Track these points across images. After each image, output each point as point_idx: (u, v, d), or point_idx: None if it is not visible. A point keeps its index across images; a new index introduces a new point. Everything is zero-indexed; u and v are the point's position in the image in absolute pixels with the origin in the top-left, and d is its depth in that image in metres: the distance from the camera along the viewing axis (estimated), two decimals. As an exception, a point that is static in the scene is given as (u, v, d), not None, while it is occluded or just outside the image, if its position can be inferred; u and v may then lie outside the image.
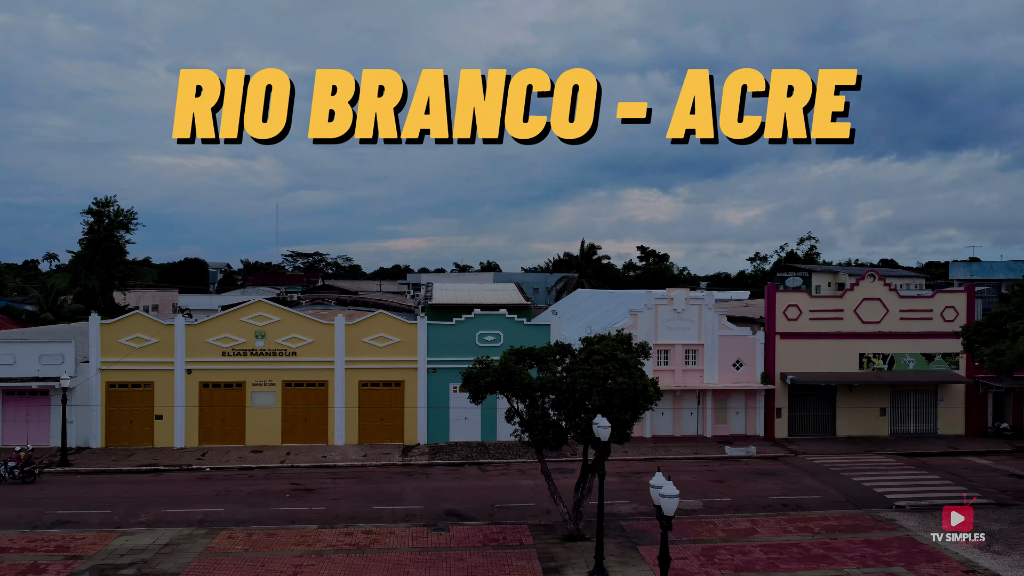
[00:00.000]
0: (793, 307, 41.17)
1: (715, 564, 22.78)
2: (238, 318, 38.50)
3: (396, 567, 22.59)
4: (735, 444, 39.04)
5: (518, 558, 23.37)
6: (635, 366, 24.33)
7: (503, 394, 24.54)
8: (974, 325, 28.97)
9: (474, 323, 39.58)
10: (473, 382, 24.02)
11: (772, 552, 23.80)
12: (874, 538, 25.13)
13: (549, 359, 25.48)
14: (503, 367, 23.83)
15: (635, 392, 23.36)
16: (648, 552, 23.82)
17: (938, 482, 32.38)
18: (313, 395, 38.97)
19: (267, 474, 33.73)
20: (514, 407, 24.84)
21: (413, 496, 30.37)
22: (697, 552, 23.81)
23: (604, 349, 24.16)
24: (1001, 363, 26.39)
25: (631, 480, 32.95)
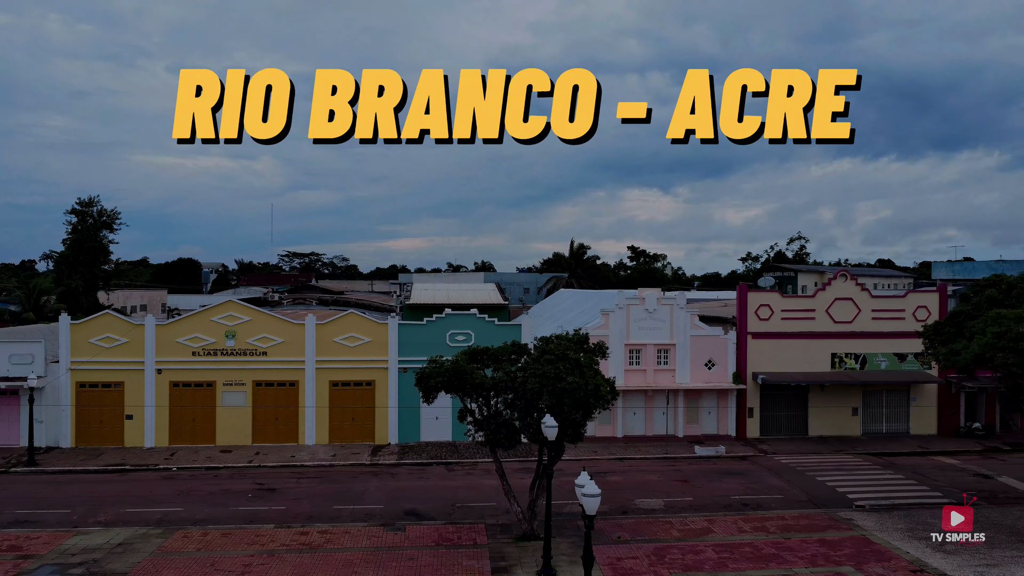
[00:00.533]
0: (765, 307, 41.19)
1: (665, 564, 22.80)
2: (208, 318, 38.52)
3: (346, 567, 22.60)
4: (706, 444, 39.06)
5: (469, 557, 23.39)
6: (588, 366, 24.35)
7: (455, 394, 24.52)
8: (934, 325, 28.98)
9: (445, 323, 39.60)
10: (424, 381, 24.04)
11: (724, 552, 23.81)
12: (828, 538, 25.15)
13: (504, 359, 25.51)
14: (454, 367, 23.83)
15: (586, 392, 23.37)
16: (600, 552, 23.80)
17: (902, 482, 32.40)
18: (284, 395, 38.99)
19: (232, 474, 33.75)
20: (467, 406, 24.85)
21: (375, 496, 30.39)
22: (649, 551, 23.83)
23: (556, 349, 24.19)
24: (957, 362, 26.39)
25: (596, 480, 32.82)
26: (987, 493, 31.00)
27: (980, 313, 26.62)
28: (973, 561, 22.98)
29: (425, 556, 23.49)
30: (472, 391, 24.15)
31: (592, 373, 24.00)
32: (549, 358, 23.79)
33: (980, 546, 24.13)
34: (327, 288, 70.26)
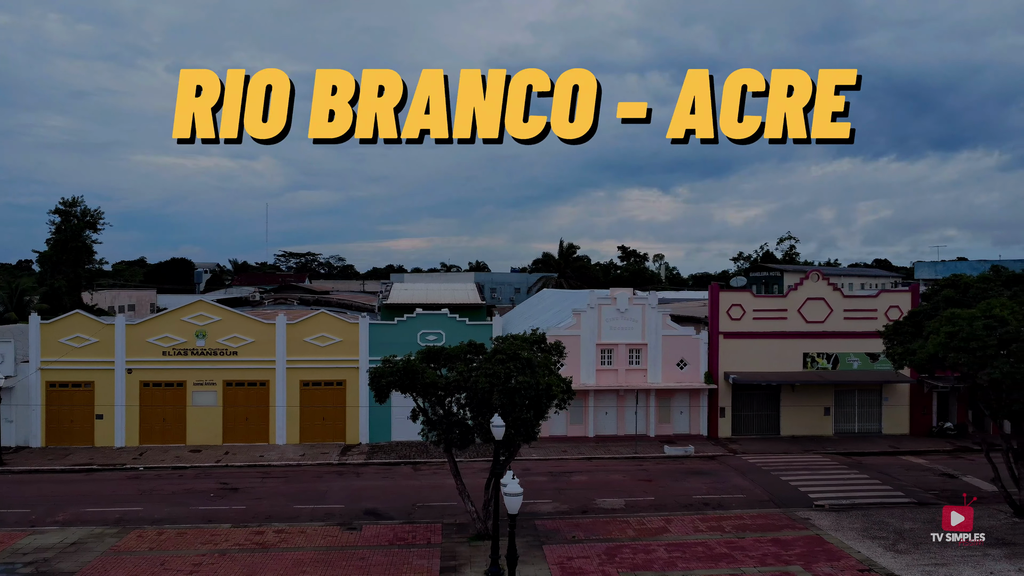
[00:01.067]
0: (737, 307, 41.20)
1: (614, 563, 22.80)
2: (179, 317, 38.54)
3: (295, 566, 22.62)
4: (677, 444, 39.07)
5: (420, 557, 23.40)
6: (541, 365, 24.34)
7: (407, 393, 24.53)
8: (893, 324, 28.96)
9: (416, 322, 39.62)
10: (376, 381, 24.05)
11: (675, 551, 23.82)
12: (782, 537, 25.16)
13: (459, 358, 25.51)
14: (405, 366, 23.85)
15: (538, 391, 23.37)
16: (551, 551, 23.86)
17: (866, 482, 32.41)
18: (254, 394, 39.00)
19: (198, 474, 33.76)
20: (420, 406, 24.85)
21: (337, 496, 30.40)
22: (600, 551, 23.83)
23: (508, 348, 24.19)
24: (913, 362, 26.38)
25: (560, 479, 33.00)
26: (950, 493, 30.99)
27: (937, 313, 26.60)
28: (924, 561, 22.99)
29: (376, 556, 23.51)
30: (424, 391, 24.15)
31: (544, 373, 23.98)
32: (500, 357, 23.80)
33: (931, 545, 24.17)
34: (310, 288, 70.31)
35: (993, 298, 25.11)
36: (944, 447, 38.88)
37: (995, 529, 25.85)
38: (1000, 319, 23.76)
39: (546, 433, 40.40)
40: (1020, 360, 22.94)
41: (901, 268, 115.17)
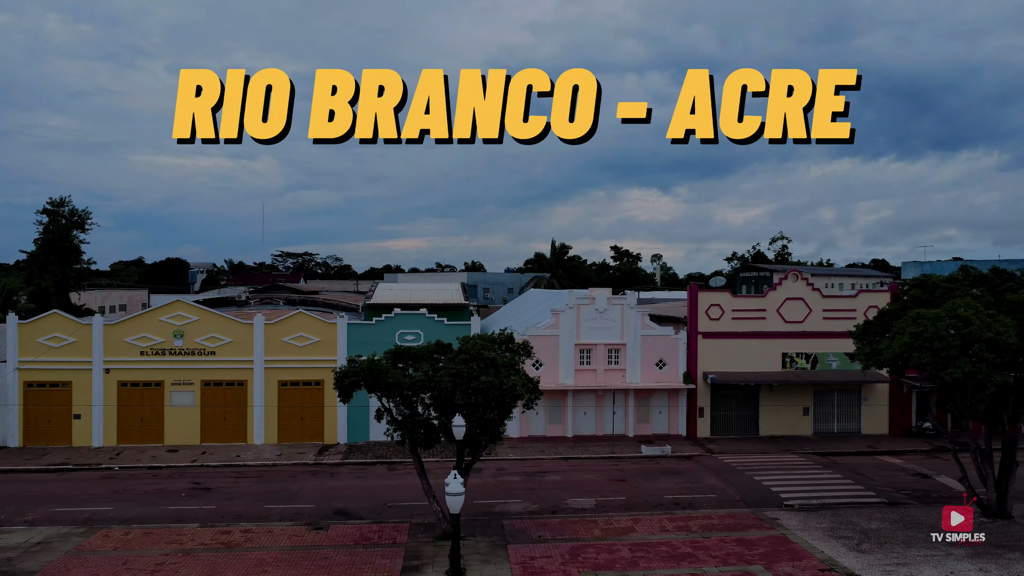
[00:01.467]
0: (715, 307, 41.22)
1: (576, 563, 22.81)
2: (156, 317, 38.57)
3: (257, 565, 22.64)
4: (655, 443, 39.09)
5: (383, 556, 23.42)
6: (510, 365, 24.38)
7: (372, 392, 24.54)
8: (863, 324, 28.99)
9: (394, 322, 39.66)
10: (339, 381, 24.05)
11: (639, 551, 23.83)
12: (748, 537, 25.17)
13: (425, 358, 25.53)
14: (369, 366, 23.85)
15: (501, 391, 23.38)
16: (515, 551, 23.88)
17: (839, 482, 32.43)
18: (232, 394, 39.03)
19: (172, 473, 33.79)
20: (384, 406, 24.87)
21: (309, 495, 30.42)
22: (564, 551, 23.84)
23: (472, 348, 24.22)
24: (879, 362, 26.38)
25: (534, 479, 33.03)
26: (921, 493, 31.09)
27: (905, 313, 26.59)
28: (886, 560, 23.00)
29: (340, 555, 23.53)
30: (387, 391, 24.16)
31: (509, 372, 24.01)
32: (464, 357, 23.82)
33: (896, 545, 24.20)
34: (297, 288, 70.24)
35: (958, 298, 25.11)
36: (922, 447, 38.90)
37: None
38: (964, 319, 23.76)
39: (525, 433, 40.50)
40: (981, 360, 22.95)
41: (898, 268, 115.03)
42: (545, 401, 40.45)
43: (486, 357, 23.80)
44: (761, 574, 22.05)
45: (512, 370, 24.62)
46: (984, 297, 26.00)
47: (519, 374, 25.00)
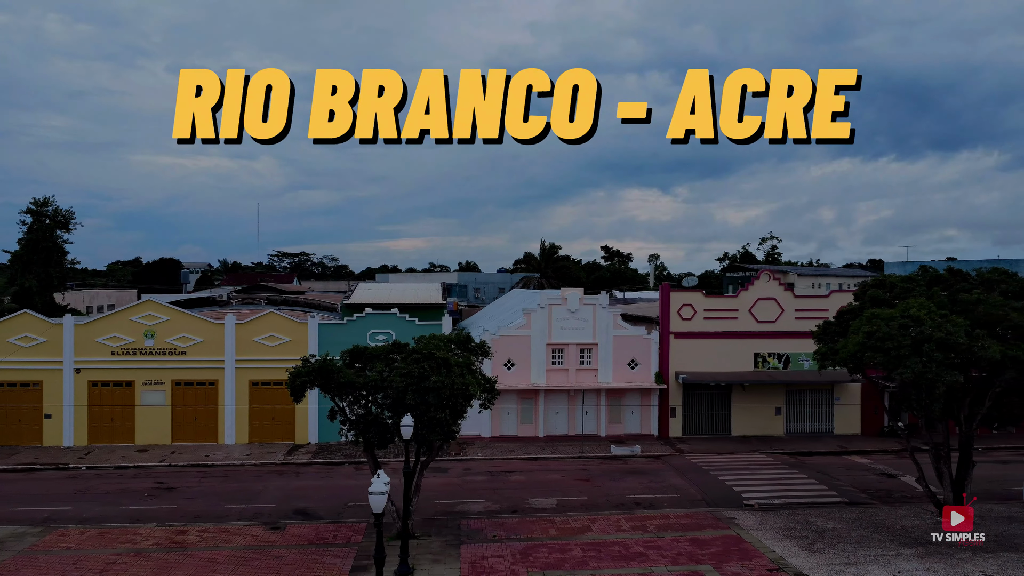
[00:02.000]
0: (687, 307, 41.24)
1: (526, 563, 22.83)
2: (127, 317, 38.59)
3: (207, 565, 22.66)
4: (627, 443, 39.11)
5: (335, 556, 23.45)
6: (464, 365, 24.39)
7: (325, 392, 24.57)
8: (823, 323, 29.01)
9: (365, 322, 39.69)
10: (291, 380, 24.08)
11: (591, 551, 23.85)
12: (702, 536, 25.18)
13: (380, 358, 25.53)
14: (320, 366, 23.89)
15: (453, 391, 23.40)
16: (468, 550, 23.91)
17: (803, 482, 32.46)
18: (203, 394, 39.05)
19: (138, 473, 33.82)
20: (337, 405, 24.89)
21: (272, 495, 30.44)
22: (516, 550, 23.87)
23: (424, 348, 24.25)
24: (835, 361, 26.39)
25: (499, 479, 33.07)
26: (884, 493, 31.12)
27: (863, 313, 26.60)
28: (836, 560, 23.01)
29: (292, 555, 23.56)
30: (339, 390, 24.19)
31: (461, 372, 24.02)
32: (416, 357, 23.85)
33: (848, 545, 24.23)
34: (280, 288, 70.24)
35: (912, 299, 25.13)
36: (892, 447, 38.88)
37: (915, 528, 25.94)
38: (916, 319, 23.77)
39: (496, 433, 40.53)
40: (932, 360, 22.95)
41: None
42: (517, 401, 40.58)
43: (438, 357, 23.82)
44: (709, 574, 22.07)
45: (467, 370, 24.64)
46: (938, 297, 26.00)
47: (474, 374, 25.04)
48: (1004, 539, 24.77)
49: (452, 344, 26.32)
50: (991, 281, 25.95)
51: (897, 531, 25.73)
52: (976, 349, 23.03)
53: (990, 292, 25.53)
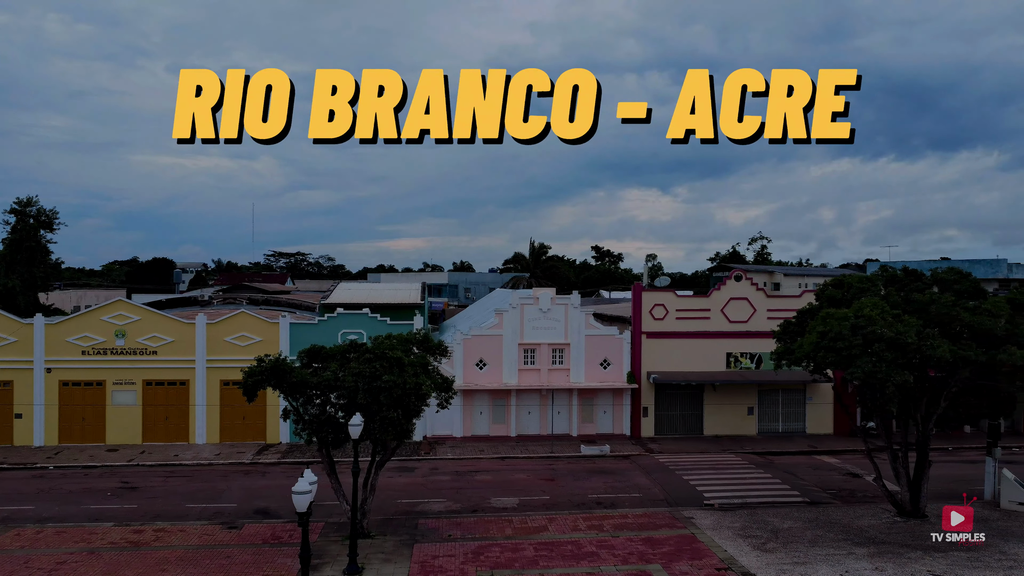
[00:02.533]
0: (659, 307, 41.28)
1: (476, 562, 22.85)
2: (98, 317, 38.63)
3: (157, 564, 22.69)
4: (598, 443, 39.16)
5: (286, 556, 23.47)
6: (414, 365, 24.42)
7: (279, 391, 24.61)
8: (784, 323, 29.08)
9: (338, 322, 39.73)
10: (245, 379, 24.12)
11: (543, 550, 23.88)
12: (656, 536, 25.20)
13: (336, 357, 25.56)
14: (273, 365, 23.94)
15: (405, 390, 23.45)
16: (420, 550, 23.94)
17: (768, 481, 32.50)
18: (174, 394, 39.09)
19: (104, 473, 33.86)
20: (292, 405, 24.93)
21: (235, 495, 30.47)
22: (469, 550, 23.89)
23: (377, 348, 24.30)
24: (791, 361, 26.47)
25: (464, 479, 33.11)
26: (847, 492, 31.18)
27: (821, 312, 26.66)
28: (786, 559, 23.04)
29: (243, 554, 23.59)
30: (291, 389, 24.23)
31: (414, 372, 24.06)
32: (368, 357, 23.90)
33: (801, 544, 24.25)
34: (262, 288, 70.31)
35: (866, 298, 25.18)
36: (861, 447, 38.64)
37: (871, 528, 25.96)
38: (869, 319, 23.83)
39: (468, 433, 40.57)
40: (881, 360, 23.01)
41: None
42: (489, 401, 40.64)
43: (390, 357, 23.86)
44: (658, 573, 22.09)
45: (421, 369, 24.69)
46: (894, 297, 26.05)
47: (429, 373, 25.08)
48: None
49: (412, 344, 26.38)
50: (945, 281, 26.01)
51: (853, 531, 25.76)
52: (925, 349, 23.09)
53: (944, 292, 25.55)
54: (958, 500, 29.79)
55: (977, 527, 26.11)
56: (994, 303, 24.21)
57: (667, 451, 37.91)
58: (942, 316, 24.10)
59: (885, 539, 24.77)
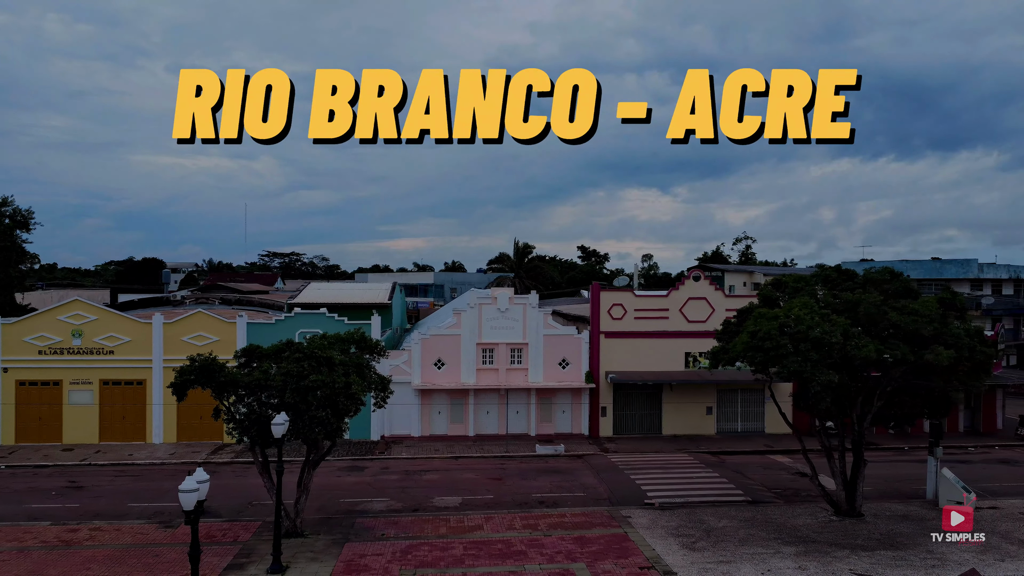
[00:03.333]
0: (618, 306, 41.34)
1: (402, 561, 22.89)
2: (55, 316, 38.69)
3: (83, 563, 22.74)
4: (555, 442, 39.22)
5: (214, 554, 23.51)
6: (344, 363, 24.46)
7: (205, 390, 24.67)
8: (725, 322, 29.13)
9: (294, 322, 39.79)
10: (175, 379, 24.19)
11: (473, 549, 23.92)
12: (588, 535, 25.24)
13: (272, 356, 25.62)
14: (202, 364, 24.01)
15: (333, 390, 23.50)
16: (350, 548, 23.99)
17: (715, 480, 32.57)
18: (131, 393, 39.15)
19: (54, 472, 33.91)
20: (223, 404, 24.98)
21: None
22: (399, 549, 23.94)
23: (308, 347, 24.37)
24: (724, 360, 26.53)
25: (412, 478, 33.17)
26: (791, 492, 31.26)
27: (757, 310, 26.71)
28: (712, 558, 23.08)
29: (172, 553, 23.63)
30: (220, 388, 24.29)
31: (345, 371, 24.12)
32: (297, 356, 23.97)
33: (731, 543, 24.30)
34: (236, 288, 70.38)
35: (796, 298, 25.24)
36: (815, 446, 38.86)
37: (805, 528, 26.02)
38: (797, 319, 23.89)
39: (426, 432, 40.63)
40: (807, 359, 23.07)
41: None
42: (448, 400, 40.69)
43: (319, 356, 23.93)
44: (581, 572, 22.14)
45: (353, 369, 24.74)
46: (827, 297, 26.12)
47: (363, 372, 25.14)
48: (887, 537, 24.88)
49: (350, 343, 26.43)
50: (875, 281, 26.07)
51: (786, 530, 25.81)
52: (850, 348, 23.14)
53: (873, 292, 25.60)
54: (900, 499, 30.08)
55: (915, 526, 26.32)
56: (923, 303, 24.26)
57: (622, 451, 37.97)
58: (870, 316, 24.15)
59: (816, 538, 24.82)
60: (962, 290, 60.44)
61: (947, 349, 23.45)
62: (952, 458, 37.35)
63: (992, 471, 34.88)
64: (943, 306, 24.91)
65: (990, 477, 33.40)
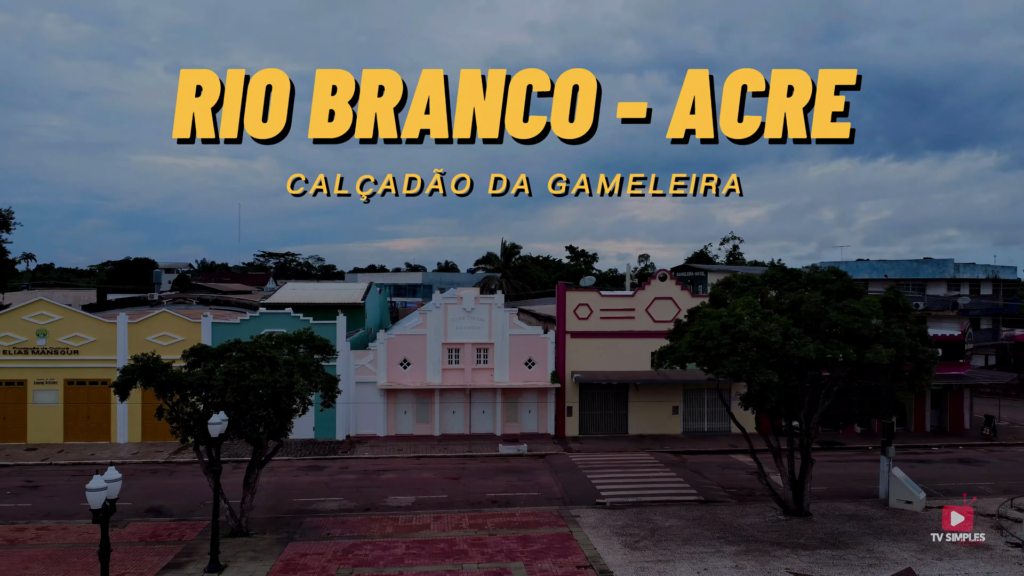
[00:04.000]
0: (584, 306, 41.38)
1: (342, 560, 22.93)
2: (19, 316, 38.71)
3: (23, 562, 22.79)
4: (520, 442, 39.26)
5: (156, 553, 23.58)
6: (288, 363, 24.51)
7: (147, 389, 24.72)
8: (676, 322, 29.17)
9: (259, 322, 39.81)
10: (117, 379, 24.23)
11: (415, 548, 23.96)
12: (533, 534, 25.28)
13: (219, 356, 25.65)
14: (143, 364, 24.07)
15: (275, 389, 23.55)
16: (292, 548, 24.03)
17: (670, 480, 32.62)
18: (96, 393, 39.16)
19: (12, 472, 33.94)
20: (166, 403, 25.01)
21: (133, 493, 30.46)
22: (340, 548, 23.97)
23: (251, 346, 24.41)
24: (670, 359, 26.56)
25: (369, 477, 33.21)
26: (745, 491, 31.30)
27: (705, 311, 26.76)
28: (651, 557, 23.12)
29: (115, 552, 23.48)
30: (162, 388, 24.34)
31: (288, 371, 24.16)
32: (239, 356, 24.01)
33: (673, 543, 24.34)
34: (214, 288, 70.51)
35: (740, 298, 25.29)
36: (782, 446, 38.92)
37: (751, 527, 26.07)
38: (738, 318, 23.95)
39: (392, 432, 40.67)
40: (747, 359, 23.13)
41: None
42: (414, 400, 40.73)
43: (261, 356, 23.99)
44: (518, 571, 22.17)
45: (298, 368, 24.77)
46: (768, 297, 26.16)
47: (308, 372, 25.17)
48: (830, 537, 24.93)
49: (299, 343, 26.47)
50: (818, 281, 26.11)
51: (732, 529, 25.86)
52: (790, 348, 23.19)
53: (815, 291, 25.64)
54: (854, 499, 30.14)
55: (861, 525, 26.37)
56: (865, 303, 24.30)
57: (585, 450, 38.02)
58: (811, 315, 24.20)
59: (760, 538, 24.87)
60: (939, 291, 60.49)
61: (887, 348, 23.50)
62: (914, 457, 37.46)
63: (950, 470, 34.94)
64: (886, 306, 24.95)
65: (946, 476, 33.46)
